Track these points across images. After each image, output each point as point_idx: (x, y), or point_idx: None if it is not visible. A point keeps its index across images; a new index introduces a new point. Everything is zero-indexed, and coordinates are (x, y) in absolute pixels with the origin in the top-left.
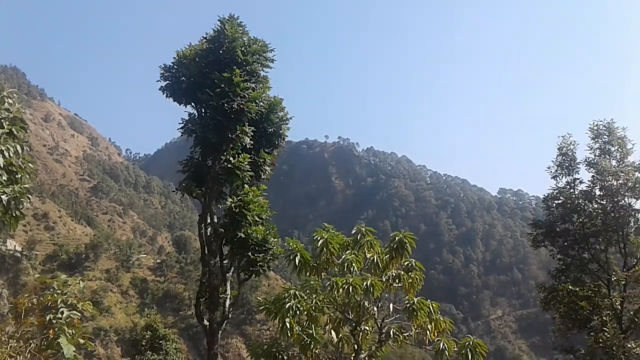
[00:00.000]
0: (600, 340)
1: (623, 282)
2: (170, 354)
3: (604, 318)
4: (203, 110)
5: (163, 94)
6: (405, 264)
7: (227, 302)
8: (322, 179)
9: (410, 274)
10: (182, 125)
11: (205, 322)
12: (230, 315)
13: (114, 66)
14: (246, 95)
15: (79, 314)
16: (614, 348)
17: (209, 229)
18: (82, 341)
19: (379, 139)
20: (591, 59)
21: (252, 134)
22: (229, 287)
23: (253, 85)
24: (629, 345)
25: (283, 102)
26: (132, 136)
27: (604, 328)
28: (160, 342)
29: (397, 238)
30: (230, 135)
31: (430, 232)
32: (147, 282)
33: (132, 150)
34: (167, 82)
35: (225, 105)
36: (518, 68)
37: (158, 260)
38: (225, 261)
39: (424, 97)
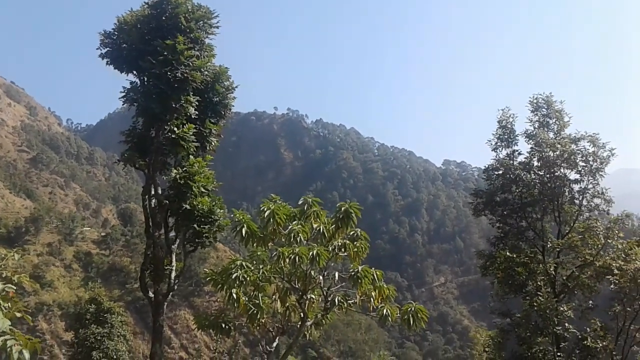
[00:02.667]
0: (535, 304)
1: (557, 249)
2: (115, 327)
3: (539, 283)
4: (145, 79)
5: (103, 60)
6: (351, 233)
7: (173, 274)
8: (271, 150)
9: (355, 243)
10: (123, 94)
11: (151, 294)
12: (175, 287)
13: (52, 32)
14: (190, 64)
15: (14, 288)
16: (547, 311)
17: (153, 201)
18: (19, 315)
19: (328, 111)
20: (531, 35)
21: (197, 103)
22: (174, 259)
23: (197, 53)
24: (561, 309)
25: (229, 72)
26: (73, 106)
27: (539, 292)
28: (105, 315)
29: (343, 208)
30: (174, 105)
31: (377, 203)
32: (91, 256)
33: (73, 120)
34: (108, 49)
35: (169, 73)
36: (462, 44)
37: (103, 234)
38: (171, 233)
39: (374, 71)
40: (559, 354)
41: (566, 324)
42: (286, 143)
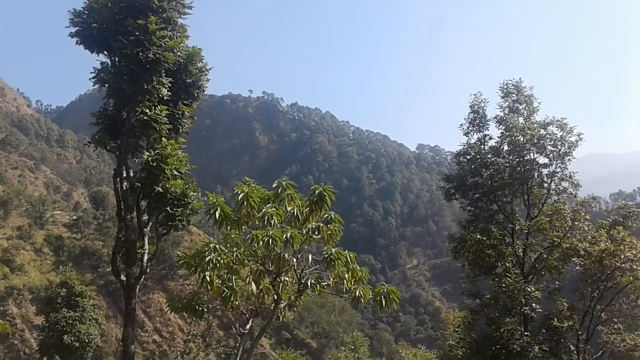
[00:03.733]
0: (504, 285)
1: (526, 232)
2: (87, 311)
3: (508, 265)
4: (116, 59)
5: (73, 39)
6: (325, 216)
7: (145, 257)
8: (246, 134)
9: (329, 226)
10: (94, 74)
11: (123, 278)
12: (148, 270)
13: (21, 12)
14: (162, 44)
15: None
16: (515, 292)
17: (125, 184)
18: None
19: (304, 94)
20: (506, 21)
21: (170, 85)
22: (146, 242)
23: (170, 33)
24: (529, 289)
25: (203, 53)
26: (43, 87)
27: (507, 274)
28: (77, 299)
29: (317, 191)
30: (145, 86)
31: (352, 187)
32: (62, 240)
33: (43, 102)
34: (77, 28)
35: (140, 54)
36: (437, 29)
37: (74, 217)
38: (143, 216)
39: (350, 54)
40: (526, 333)
41: (533, 305)
42: (261, 126)
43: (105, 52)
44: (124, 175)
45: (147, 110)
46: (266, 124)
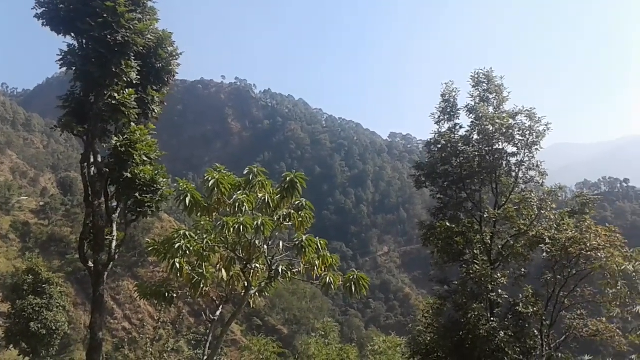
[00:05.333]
0: (471, 271)
1: (494, 219)
2: (54, 298)
3: (476, 252)
4: (84, 42)
5: (39, 21)
6: (296, 203)
7: (114, 244)
8: (218, 120)
9: (300, 213)
10: (60, 57)
11: (90, 264)
12: (116, 257)
13: None
14: (131, 27)
15: None
16: (482, 278)
17: (93, 169)
18: None
19: (277, 81)
20: (476, 11)
21: (139, 69)
22: (115, 229)
23: (139, 16)
24: (496, 276)
25: (173, 37)
26: (8, 70)
27: (475, 261)
28: (44, 286)
29: (288, 178)
30: (114, 70)
31: (325, 174)
32: (29, 226)
33: (8, 85)
34: (44, 9)
35: (109, 37)
36: (411, 19)
37: (41, 203)
38: (112, 202)
39: (324, 42)
40: (492, 319)
41: (500, 291)
42: (234, 113)
43: (73, 34)
44: (92, 160)
45: (116, 95)
46: (239, 111)
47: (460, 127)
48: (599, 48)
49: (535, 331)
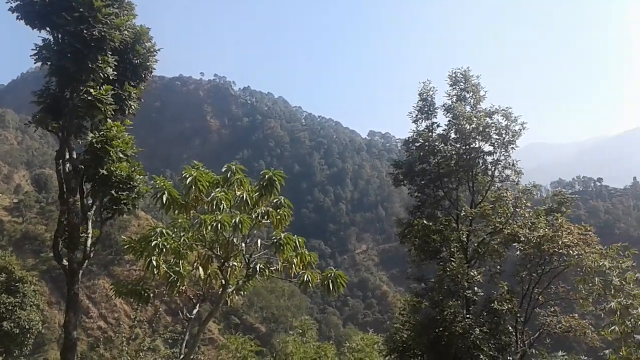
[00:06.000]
0: (448, 269)
1: (470, 217)
2: (28, 296)
3: (452, 249)
4: (60, 36)
5: (13, 14)
6: (275, 201)
7: (89, 242)
8: (197, 117)
9: (279, 210)
10: (35, 52)
11: (65, 263)
12: (92, 255)
13: None
14: (108, 22)
15: None
16: (459, 276)
17: (68, 165)
18: None
19: (257, 78)
20: (453, 10)
21: (116, 64)
22: (90, 226)
23: (116, 11)
24: (472, 273)
25: (152, 33)
26: None
27: (452, 258)
28: (17, 284)
29: (267, 176)
30: (90, 65)
31: (304, 172)
32: (2, 223)
33: None
34: (18, 2)
35: (85, 31)
36: (390, 18)
37: (15, 200)
38: (87, 199)
39: (304, 41)
40: (468, 316)
41: (475, 288)
42: (213, 110)
43: (48, 29)
44: (67, 157)
45: (92, 90)
46: (218, 108)
47: (438, 125)
48: (570, 52)
49: (510, 328)
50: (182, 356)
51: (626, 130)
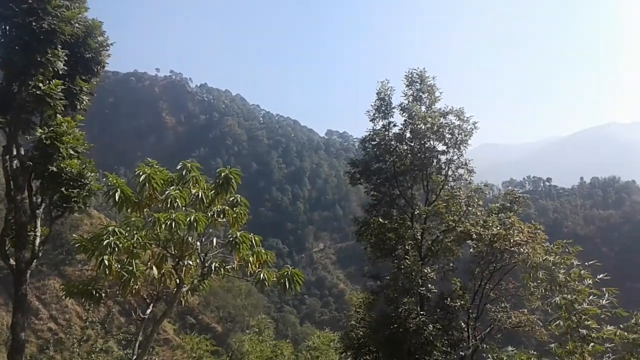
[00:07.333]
0: (402, 266)
1: (424, 216)
2: None
3: (407, 247)
4: (7, 29)
5: None
6: (231, 199)
7: (37, 241)
8: (152, 114)
9: (235, 209)
10: None
11: (12, 262)
12: (40, 254)
13: None
14: (58, 15)
15: None
16: (413, 273)
17: (15, 162)
18: None
19: (214, 76)
20: (410, 12)
21: (66, 58)
22: (39, 225)
23: (67, 3)
24: (426, 271)
25: (105, 27)
26: None
27: (406, 256)
28: None
29: (222, 174)
30: (39, 59)
31: (261, 171)
32: None
33: None
34: None
35: (34, 24)
36: (347, 17)
37: None
38: (37, 198)
39: (262, 38)
40: (422, 312)
41: (429, 285)
42: (168, 107)
43: None
44: (14, 153)
45: (41, 85)
46: (174, 105)
47: (394, 125)
48: (524, 54)
49: (463, 324)
50: (134, 357)
51: (575, 132)
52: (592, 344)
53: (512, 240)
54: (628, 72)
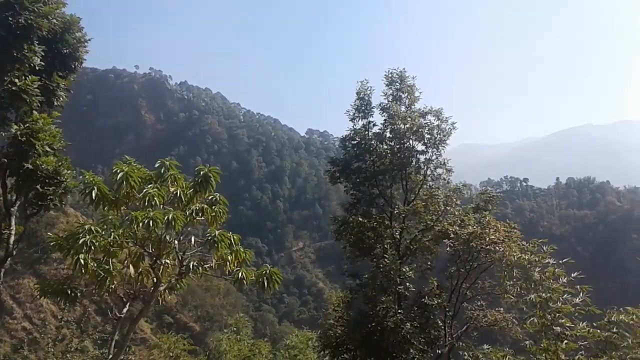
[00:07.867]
0: (381, 265)
1: (403, 215)
2: None
3: (386, 246)
4: None
5: None
6: (210, 198)
7: (12, 239)
8: (131, 111)
9: (214, 207)
10: None
11: None
12: (14, 253)
13: None
14: (36, 10)
15: None
16: (391, 272)
17: None
18: None
19: (194, 73)
20: (390, 12)
21: (43, 54)
22: (13, 222)
23: None
24: (404, 269)
25: (83, 23)
26: None
27: (385, 255)
28: None
29: (201, 172)
30: (15, 54)
31: (241, 170)
32: None
33: None
34: None
35: (10, 19)
36: (327, 16)
37: None
38: (12, 195)
39: (243, 36)
40: (399, 311)
41: (407, 284)
42: (147, 104)
43: None
44: None
45: (17, 80)
46: (153, 102)
47: (374, 124)
48: (501, 56)
49: (439, 322)
50: (111, 356)
51: (552, 133)
52: (565, 341)
53: (488, 239)
54: (604, 74)
